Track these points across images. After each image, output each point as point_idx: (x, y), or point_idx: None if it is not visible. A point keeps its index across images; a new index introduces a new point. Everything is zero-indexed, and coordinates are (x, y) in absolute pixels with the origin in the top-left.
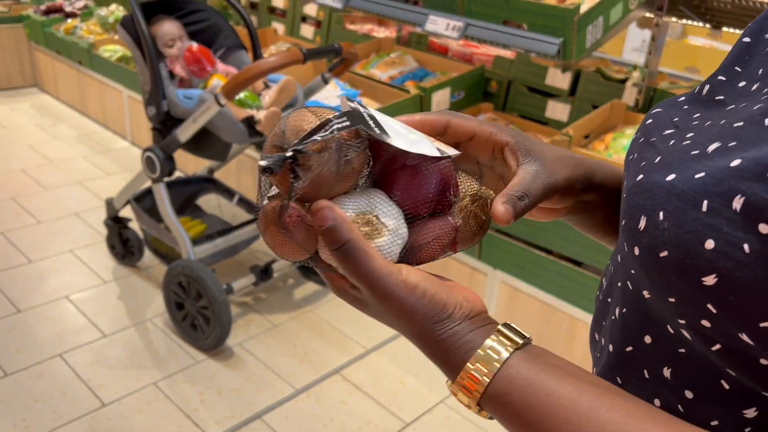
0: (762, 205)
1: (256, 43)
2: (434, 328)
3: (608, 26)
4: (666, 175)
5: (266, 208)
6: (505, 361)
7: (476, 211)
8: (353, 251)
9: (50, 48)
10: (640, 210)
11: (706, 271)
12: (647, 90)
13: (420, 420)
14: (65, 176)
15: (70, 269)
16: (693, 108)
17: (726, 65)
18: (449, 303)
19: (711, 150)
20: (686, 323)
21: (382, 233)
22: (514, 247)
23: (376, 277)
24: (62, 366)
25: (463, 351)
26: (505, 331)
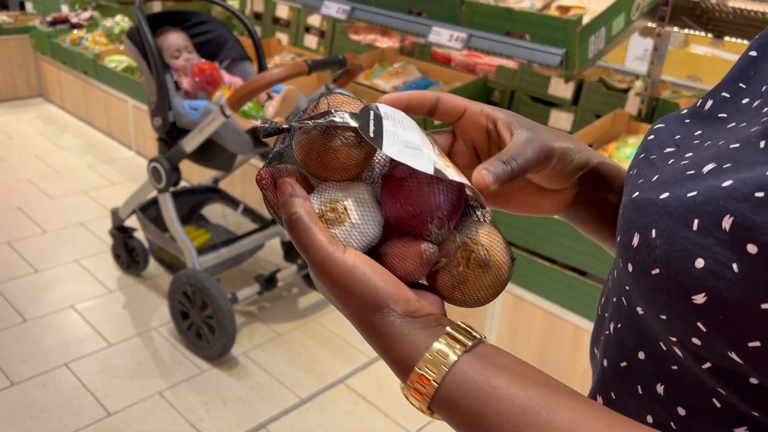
0: (749, 226)
1: (261, 54)
2: (373, 318)
3: (610, 37)
4: (660, 194)
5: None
6: (452, 365)
7: (460, 258)
8: (297, 223)
9: (56, 58)
10: (634, 227)
11: (695, 290)
12: (650, 99)
13: (425, 429)
14: (71, 186)
15: (76, 279)
16: (695, 124)
17: (730, 80)
18: (391, 294)
19: (706, 171)
20: (677, 341)
21: (343, 223)
22: (518, 257)
23: (315, 249)
24: (68, 375)
25: (410, 352)
26: (453, 332)
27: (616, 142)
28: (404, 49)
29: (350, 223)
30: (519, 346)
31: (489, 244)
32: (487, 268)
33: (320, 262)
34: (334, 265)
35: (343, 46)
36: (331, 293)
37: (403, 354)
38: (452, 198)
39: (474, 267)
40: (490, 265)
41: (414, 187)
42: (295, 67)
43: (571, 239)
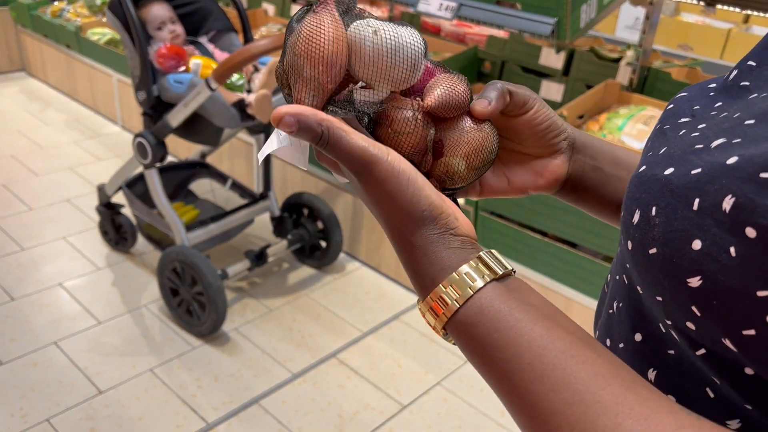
0: (751, 208)
1: (247, 25)
2: (411, 227)
3: (602, 5)
4: (665, 169)
5: None
6: (479, 289)
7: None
8: (330, 131)
9: (37, 31)
10: (636, 203)
11: (691, 273)
12: (641, 69)
13: (417, 402)
14: (56, 162)
15: (64, 256)
16: (719, 95)
17: (760, 49)
18: (435, 206)
19: (714, 145)
20: (672, 324)
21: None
22: (509, 230)
23: (358, 154)
24: (58, 354)
25: (438, 267)
26: (486, 258)
27: (608, 112)
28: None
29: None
30: None
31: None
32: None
33: (366, 166)
34: (379, 168)
35: None
36: (373, 199)
37: (430, 268)
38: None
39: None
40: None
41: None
42: (282, 38)
43: (562, 212)
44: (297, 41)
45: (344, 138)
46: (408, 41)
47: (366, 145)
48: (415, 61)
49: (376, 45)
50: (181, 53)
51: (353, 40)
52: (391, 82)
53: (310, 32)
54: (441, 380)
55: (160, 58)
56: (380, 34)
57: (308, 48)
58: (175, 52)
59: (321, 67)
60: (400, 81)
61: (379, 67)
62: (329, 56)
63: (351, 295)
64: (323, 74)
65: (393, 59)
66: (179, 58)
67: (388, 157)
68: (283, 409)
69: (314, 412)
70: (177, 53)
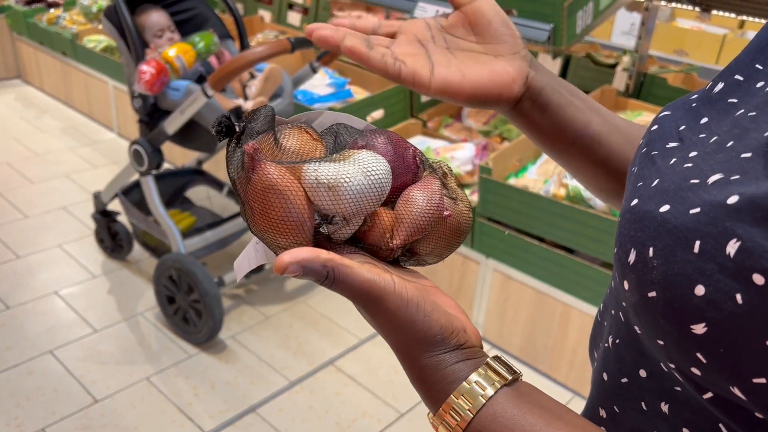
0: (758, 253)
1: (243, 32)
2: (421, 351)
3: (598, 11)
4: (660, 205)
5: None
6: (491, 397)
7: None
8: (336, 270)
9: (33, 39)
10: (631, 242)
11: (695, 319)
12: (637, 74)
13: (415, 410)
14: (52, 169)
15: (59, 264)
16: (702, 109)
17: (745, 60)
18: (446, 328)
19: (711, 182)
20: (676, 368)
21: (361, 152)
22: (507, 236)
23: (366, 290)
24: (53, 362)
25: (448, 381)
26: (494, 365)
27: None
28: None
29: (370, 154)
30: (508, 324)
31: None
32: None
33: (375, 300)
34: (388, 301)
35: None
36: (383, 329)
37: (441, 383)
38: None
39: (463, 201)
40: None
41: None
42: (278, 45)
43: (559, 218)
44: (254, 218)
45: (350, 276)
46: (370, 173)
47: (372, 278)
48: (381, 189)
49: (339, 194)
50: (162, 69)
51: (311, 189)
52: (361, 213)
53: (266, 206)
54: None
55: (149, 86)
56: (341, 183)
57: (271, 223)
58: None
59: (292, 237)
60: (371, 207)
61: (347, 209)
62: (297, 225)
63: (348, 302)
64: (298, 237)
65: (359, 197)
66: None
67: (396, 288)
68: (281, 417)
69: (311, 420)
70: (160, 71)
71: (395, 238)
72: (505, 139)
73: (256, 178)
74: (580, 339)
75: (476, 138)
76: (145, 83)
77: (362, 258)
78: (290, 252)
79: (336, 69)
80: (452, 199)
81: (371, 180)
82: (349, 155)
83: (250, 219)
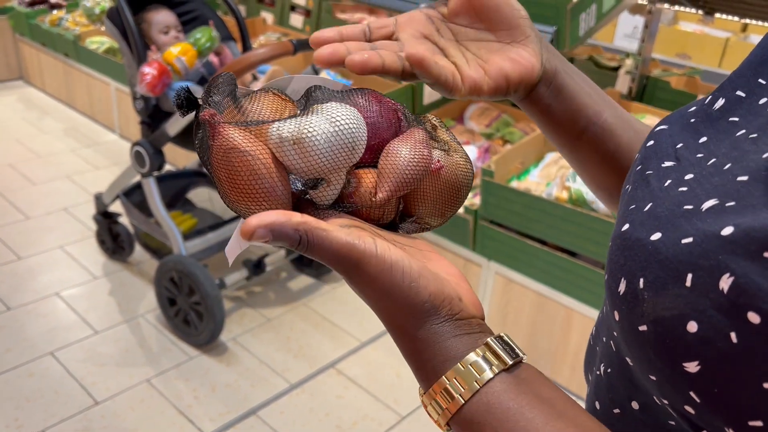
0: (753, 291)
1: (245, 34)
2: (410, 322)
3: (601, 14)
4: (652, 233)
5: None
6: (486, 382)
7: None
8: (309, 233)
9: (35, 40)
10: (621, 271)
11: (688, 357)
12: (640, 78)
13: (416, 413)
14: (53, 170)
15: (60, 265)
16: (701, 126)
17: (748, 74)
18: (435, 295)
19: (705, 208)
20: (669, 404)
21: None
22: (509, 238)
23: (343, 254)
24: (54, 364)
25: (442, 359)
26: (494, 345)
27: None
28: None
29: (337, 103)
30: (509, 327)
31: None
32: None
33: (355, 264)
34: (369, 265)
35: (329, 25)
36: (366, 295)
37: (434, 360)
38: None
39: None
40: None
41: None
42: (280, 47)
43: (562, 221)
44: (224, 189)
45: (326, 239)
46: (336, 120)
47: (351, 240)
48: (353, 138)
49: (305, 148)
50: (164, 70)
51: (278, 149)
52: (338, 169)
53: (231, 172)
54: None
55: (151, 87)
56: (305, 135)
57: (239, 190)
58: (160, 73)
59: (265, 203)
60: (346, 160)
61: (319, 165)
62: (268, 189)
63: (350, 304)
64: (271, 202)
65: (328, 148)
66: (165, 75)
67: (377, 250)
68: (281, 419)
69: (312, 423)
70: (161, 72)
71: (379, 192)
72: (508, 142)
73: (216, 144)
74: (582, 342)
75: (479, 140)
76: (147, 85)
77: (347, 221)
78: (258, 215)
79: (338, 71)
80: (444, 151)
81: (339, 127)
82: (315, 108)
83: (221, 192)
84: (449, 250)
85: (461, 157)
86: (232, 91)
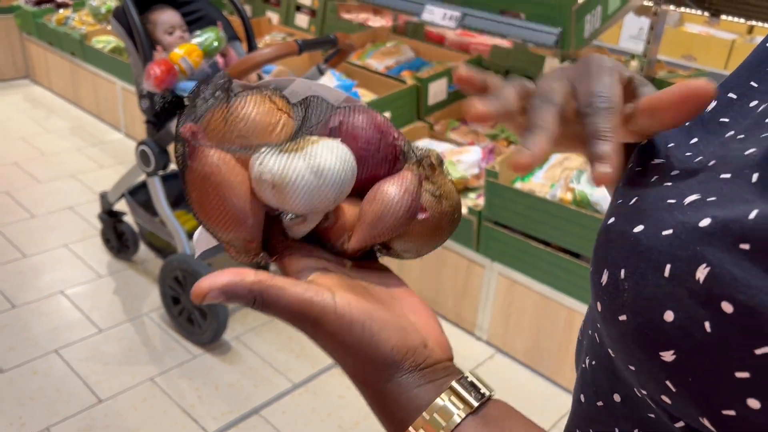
0: (728, 280)
1: (251, 34)
2: (373, 376)
3: (607, 15)
4: (635, 225)
5: None
6: (454, 427)
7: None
8: (264, 293)
9: (42, 39)
10: (604, 263)
11: (664, 346)
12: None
13: None
14: (59, 169)
15: (65, 264)
16: (694, 129)
17: (741, 77)
18: (398, 348)
19: (687, 202)
20: (647, 395)
21: (315, 143)
22: (512, 240)
23: (299, 311)
24: (58, 362)
25: (408, 410)
26: (459, 389)
27: None
28: (397, 29)
29: (327, 146)
30: (512, 329)
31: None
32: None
33: (312, 322)
34: (327, 321)
35: (334, 25)
36: (327, 350)
37: (400, 412)
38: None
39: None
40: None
41: (365, 121)
42: (286, 47)
43: (566, 222)
44: (193, 205)
45: (282, 297)
46: (322, 171)
47: (308, 297)
48: (337, 188)
49: (284, 194)
50: (170, 67)
51: (255, 183)
52: (316, 212)
53: (203, 196)
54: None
55: (157, 82)
56: (285, 181)
57: (209, 216)
58: (166, 70)
59: (233, 232)
60: (326, 207)
61: (296, 209)
62: (238, 219)
63: None
64: (240, 232)
65: (307, 197)
66: (172, 72)
67: (336, 307)
68: (284, 419)
69: (314, 423)
70: (168, 70)
71: (352, 241)
72: (512, 143)
73: (194, 166)
74: None
75: (483, 141)
76: (154, 79)
77: (313, 262)
78: (210, 277)
79: (343, 71)
80: (436, 197)
81: (323, 180)
82: (305, 144)
83: (191, 205)
84: (453, 250)
85: (451, 205)
86: (224, 97)
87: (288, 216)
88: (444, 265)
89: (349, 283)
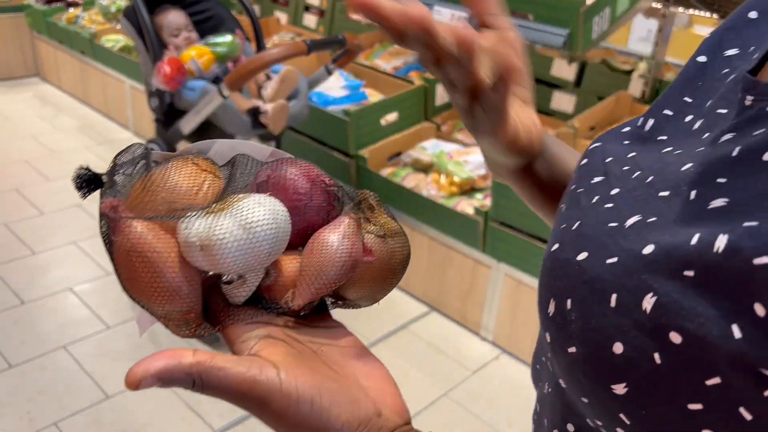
0: (675, 310)
1: (259, 34)
2: None
3: (615, 17)
4: (578, 252)
5: None
6: None
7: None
8: (204, 374)
9: (52, 37)
10: (549, 292)
11: (615, 379)
12: (653, 81)
13: (423, 413)
14: (68, 167)
15: (74, 261)
16: (633, 144)
17: (675, 93)
18: (350, 422)
19: (629, 225)
20: (602, 426)
21: (243, 200)
22: (519, 240)
23: (243, 391)
24: (66, 358)
25: None
26: None
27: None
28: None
29: (255, 200)
30: (518, 329)
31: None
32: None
33: (258, 402)
34: (273, 401)
35: (343, 26)
36: (275, 430)
37: None
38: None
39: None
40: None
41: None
42: (294, 47)
43: None
44: (124, 283)
45: (224, 378)
46: (251, 225)
47: (252, 376)
48: (271, 243)
49: (213, 255)
50: (180, 66)
51: (184, 248)
52: (253, 271)
53: (132, 272)
54: (447, 392)
55: (167, 80)
56: (213, 241)
57: (141, 291)
58: (177, 68)
59: (168, 304)
60: (262, 263)
61: (229, 269)
62: (172, 290)
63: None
64: (175, 304)
65: (239, 256)
66: (182, 71)
67: (282, 385)
68: None
69: None
70: (178, 69)
71: (296, 298)
72: None
73: (119, 241)
74: None
75: None
76: (164, 76)
77: (260, 328)
78: (144, 362)
79: (351, 71)
80: (381, 237)
81: (254, 234)
82: (232, 202)
83: (122, 285)
84: (459, 251)
85: (397, 242)
86: (144, 167)
87: (226, 278)
88: (450, 265)
89: (297, 351)
